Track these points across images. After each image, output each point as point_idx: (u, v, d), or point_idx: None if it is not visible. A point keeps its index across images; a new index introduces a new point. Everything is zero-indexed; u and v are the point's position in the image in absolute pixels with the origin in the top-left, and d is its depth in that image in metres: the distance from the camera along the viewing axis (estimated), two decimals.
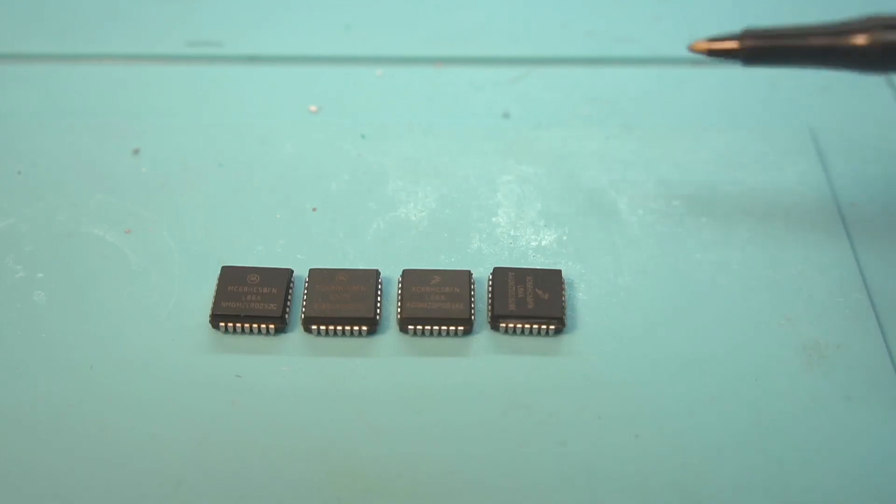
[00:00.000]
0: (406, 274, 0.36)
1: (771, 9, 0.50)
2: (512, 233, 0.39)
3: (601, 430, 0.32)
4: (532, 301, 0.35)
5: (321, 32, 0.48)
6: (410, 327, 0.35)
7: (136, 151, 0.42)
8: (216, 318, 0.35)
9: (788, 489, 0.31)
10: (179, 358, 0.34)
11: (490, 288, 0.36)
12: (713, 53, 0.33)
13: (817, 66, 0.33)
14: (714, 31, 0.48)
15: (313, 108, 0.44)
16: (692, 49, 0.33)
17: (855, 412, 0.33)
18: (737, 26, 0.49)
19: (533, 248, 0.38)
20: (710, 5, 0.50)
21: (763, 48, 0.33)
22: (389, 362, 0.34)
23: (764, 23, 0.49)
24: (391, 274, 0.37)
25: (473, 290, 0.36)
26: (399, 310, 0.35)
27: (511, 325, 0.35)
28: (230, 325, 0.35)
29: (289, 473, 0.31)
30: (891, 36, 0.30)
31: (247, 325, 0.35)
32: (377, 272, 0.36)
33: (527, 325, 0.35)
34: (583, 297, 0.36)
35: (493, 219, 0.39)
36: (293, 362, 0.34)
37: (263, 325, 0.35)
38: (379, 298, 0.35)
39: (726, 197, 0.40)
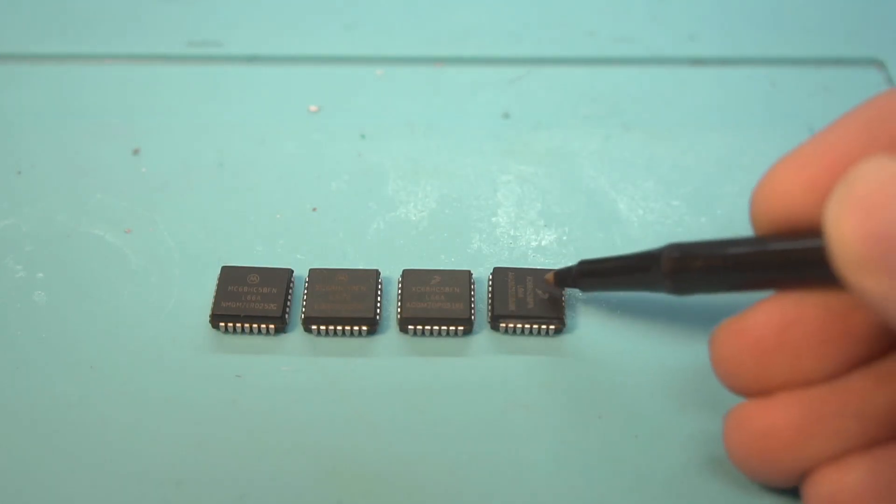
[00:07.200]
0: (406, 274, 0.36)
1: (770, 7, 0.50)
2: (512, 233, 0.39)
3: (601, 430, 0.32)
4: (532, 301, 0.35)
5: (321, 32, 0.48)
6: (410, 327, 0.35)
7: (136, 151, 0.42)
8: (216, 318, 0.35)
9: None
10: (179, 358, 0.34)
11: (490, 288, 0.36)
12: (559, 284, 0.35)
13: (635, 290, 0.34)
14: (713, 30, 0.48)
15: (313, 107, 0.44)
16: (547, 280, 0.35)
17: None
18: (736, 25, 0.49)
19: (533, 248, 0.38)
20: (711, 5, 0.50)
21: (589, 279, 0.34)
22: (389, 362, 0.34)
23: (763, 22, 0.49)
24: (391, 274, 0.37)
25: (473, 290, 0.36)
26: (399, 310, 0.35)
27: (511, 325, 0.35)
28: (230, 325, 0.35)
29: (289, 473, 0.31)
30: (679, 264, 0.30)
31: (247, 325, 0.35)
32: (377, 272, 0.36)
33: (527, 325, 0.35)
34: (583, 297, 0.36)
35: (493, 219, 0.39)
36: (293, 362, 0.34)
37: (263, 325, 0.35)
38: (379, 298, 0.35)
39: (726, 197, 0.40)
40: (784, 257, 0.27)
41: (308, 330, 0.35)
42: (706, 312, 0.36)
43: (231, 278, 0.36)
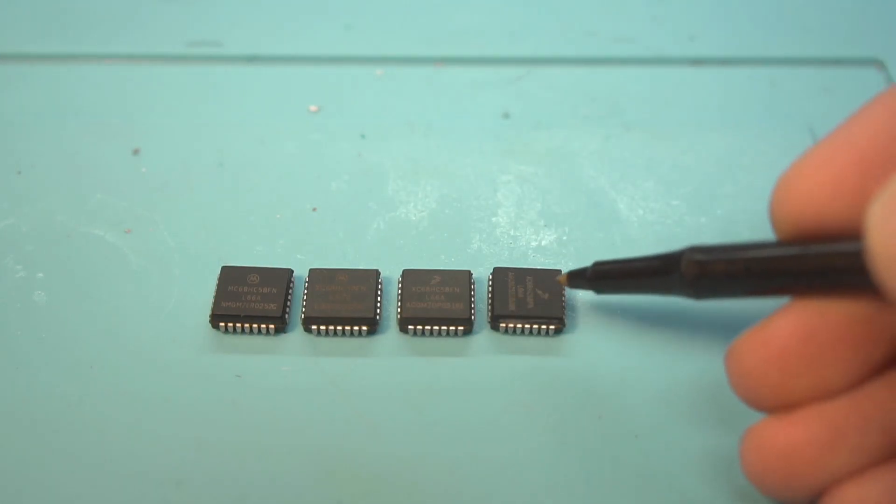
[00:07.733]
0: (406, 274, 0.36)
1: (770, 7, 0.50)
2: (512, 233, 0.39)
3: (601, 430, 0.32)
4: (532, 301, 0.35)
5: (321, 32, 0.48)
6: (410, 327, 0.35)
7: (136, 151, 0.42)
8: (216, 318, 0.35)
9: None
10: (179, 358, 0.34)
11: (490, 288, 0.36)
12: (572, 285, 0.34)
13: (651, 293, 0.33)
14: (713, 30, 0.48)
15: (313, 107, 0.44)
16: (560, 281, 0.35)
17: None
18: (736, 25, 0.49)
19: (533, 248, 0.38)
20: (711, 5, 0.50)
21: (604, 281, 0.33)
22: (389, 362, 0.34)
23: (763, 22, 0.50)
24: (391, 274, 0.37)
25: (473, 290, 0.36)
26: (399, 310, 0.35)
27: (511, 325, 0.35)
28: (230, 325, 0.35)
29: (289, 473, 0.31)
30: (701, 268, 0.29)
31: (247, 325, 0.35)
32: (377, 272, 0.36)
33: (527, 325, 0.35)
34: (583, 297, 0.36)
35: (493, 219, 0.39)
36: (293, 362, 0.34)
37: (263, 325, 0.35)
38: (379, 298, 0.35)
39: (726, 197, 0.40)
40: (813, 263, 0.26)
41: (308, 330, 0.35)
42: (705, 311, 0.36)
43: (231, 278, 0.36)
